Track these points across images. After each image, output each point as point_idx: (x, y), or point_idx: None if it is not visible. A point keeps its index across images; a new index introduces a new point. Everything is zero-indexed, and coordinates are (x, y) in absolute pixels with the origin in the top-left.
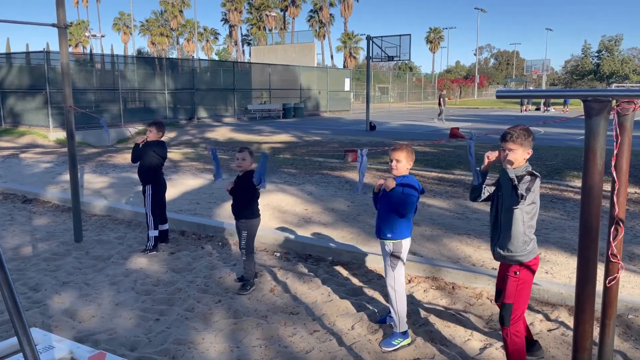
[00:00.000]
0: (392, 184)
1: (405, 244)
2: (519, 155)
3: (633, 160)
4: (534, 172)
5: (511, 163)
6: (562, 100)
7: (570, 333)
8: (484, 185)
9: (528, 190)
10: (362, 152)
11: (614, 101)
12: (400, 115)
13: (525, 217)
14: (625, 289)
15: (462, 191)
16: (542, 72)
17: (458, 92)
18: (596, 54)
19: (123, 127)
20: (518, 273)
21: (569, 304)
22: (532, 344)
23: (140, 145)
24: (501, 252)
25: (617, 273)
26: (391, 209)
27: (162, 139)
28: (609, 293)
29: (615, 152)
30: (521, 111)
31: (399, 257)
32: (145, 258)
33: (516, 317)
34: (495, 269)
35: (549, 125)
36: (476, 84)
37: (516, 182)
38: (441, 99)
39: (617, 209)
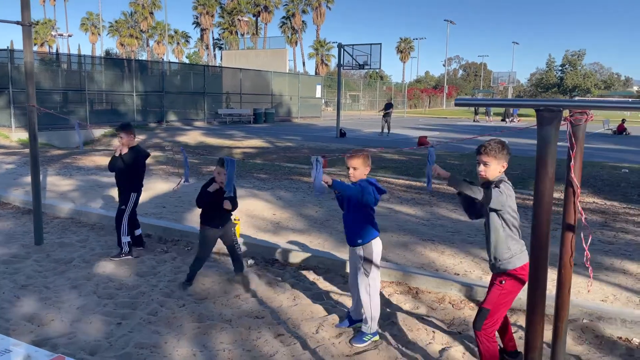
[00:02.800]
0: (328, 178)
1: (376, 245)
2: (493, 168)
3: (592, 171)
4: (506, 181)
5: (484, 176)
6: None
7: None
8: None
9: (496, 187)
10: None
11: (567, 112)
12: (370, 123)
13: (505, 223)
14: (580, 294)
15: (428, 198)
16: (508, 84)
17: (427, 101)
18: (560, 68)
19: (89, 129)
20: (504, 282)
21: (524, 308)
22: (515, 354)
23: (117, 154)
24: (490, 261)
25: (591, 278)
26: (351, 213)
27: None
28: (562, 296)
29: (572, 160)
30: (474, 120)
31: (371, 262)
32: (109, 262)
33: (490, 323)
34: (458, 274)
35: (505, 135)
36: (445, 94)
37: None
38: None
39: (582, 215)
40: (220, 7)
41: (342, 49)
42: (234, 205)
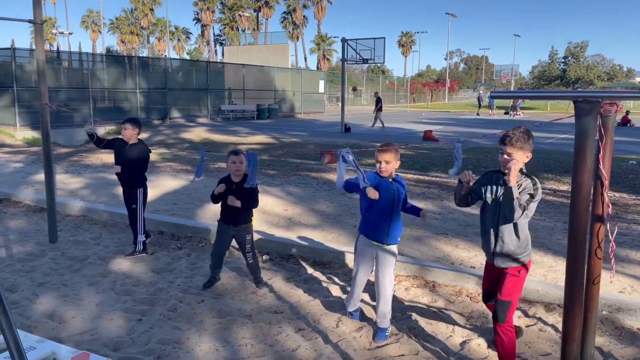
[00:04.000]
0: (375, 195)
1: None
2: (518, 159)
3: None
4: (532, 177)
5: (514, 173)
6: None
7: (548, 328)
8: (469, 192)
9: (532, 197)
10: (341, 152)
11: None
12: (373, 118)
13: (526, 221)
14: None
15: (437, 192)
16: (510, 77)
17: (429, 95)
18: (563, 60)
19: (94, 126)
20: (521, 272)
21: (545, 300)
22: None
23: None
24: (505, 257)
25: (612, 270)
26: (395, 210)
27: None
28: (591, 288)
29: (601, 152)
30: (477, 114)
31: (395, 258)
32: (124, 259)
33: (511, 313)
34: (474, 267)
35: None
36: (447, 88)
37: (518, 196)
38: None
39: (609, 207)
40: (220, 2)
41: (345, 44)
42: (250, 203)
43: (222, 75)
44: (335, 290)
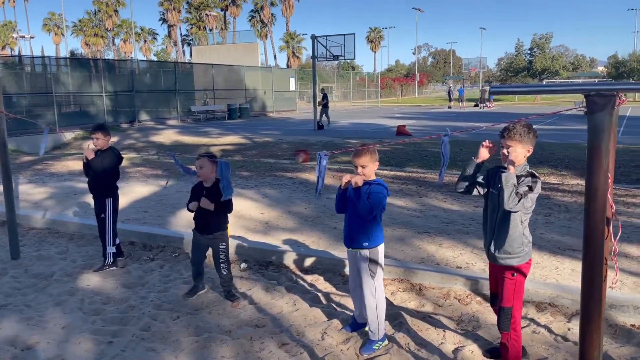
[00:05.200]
0: (360, 180)
1: (381, 249)
2: (519, 154)
3: (573, 152)
4: (534, 172)
5: (512, 163)
6: (503, 97)
7: (541, 330)
8: (476, 180)
9: (530, 190)
10: (320, 155)
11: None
12: (345, 114)
13: (523, 217)
14: None
15: (416, 188)
16: (479, 70)
17: (400, 90)
18: (529, 52)
19: (59, 133)
20: (515, 275)
21: (535, 299)
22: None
23: (88, 159)
24: (497, 254)
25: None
26: (360, 214)
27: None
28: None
29: None
30: (448, 107)
31: (377, 264)
32: (92, 274)
33: (515, 320)
34: (460, 267)
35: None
36: (416, 82)
37: (516, 188)
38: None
39: (613, 208)
40: (187, 2)
41: (315, 41)
42: (222, 209)
43: (191, 75)
44: (319, 299)
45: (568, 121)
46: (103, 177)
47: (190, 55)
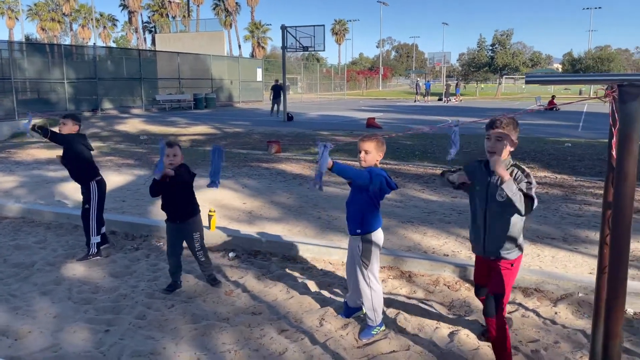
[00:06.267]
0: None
1: (376, 236)
2: (506, 148)
3: (537, 146)
4: (521, 165)
5: (501, 165)
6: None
7: (530, 314)
8: (450, 178)
9: (530, 184)
10: (324, 145)
11: (609, 87)
12: (313, 106)
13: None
14: (567, 268)
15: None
16: (443, 65)
17: (364, 83)
18: (490, 48)
19: (18, 121)
20: (513, 265)
21: (522, 285)
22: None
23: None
24: (500, 248)
25: None
26: (355, 202)
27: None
28: (603, 277)
29: (614, 138)
30: (415, 101)
31: (369, 253)
32: (76, 264)
33: (503, 306)
34: (447, 255)
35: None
36: (380, 75)
37: (520, 187)
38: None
39: None
40: None
41: (285, 31)
42: (184, 177)
43: (154, 64)
44: (312, 286)
45: (528, 116)
46: (82, 160)
47: (153, 43)
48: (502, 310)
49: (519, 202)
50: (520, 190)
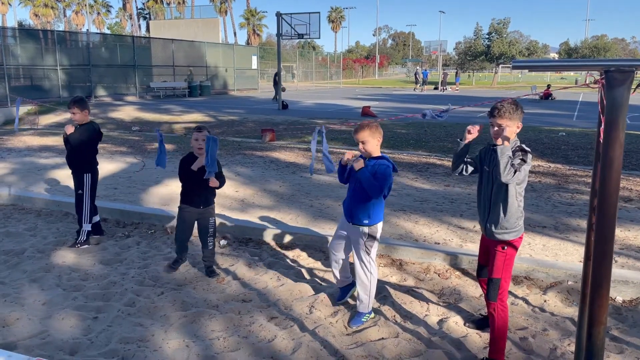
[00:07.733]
0: (360, 164)
1: (380, 226)
2: (510, 130)
3: (532, 135)
4: (524, 147)
5: (507, 139)
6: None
7: (519, 302)
8: (465, 160)
9: (523, 161)
10: (318, 129)
11: (598, 75)
12: (308, 95)
13: (518, 190)
14: (558, 256)
15: None
16: (439, 53)
17: (360, 72)
18: (487, 36)
19: (10, 108)
20: (506, 248)
21: (512, 273)
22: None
23: (68, 135)
24: (494, 229)
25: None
26: (363, 191)
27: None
28: (589, 264)
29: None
30: (414, 90)
31: (374, 240)
32: (66, 251)
33: (503, 291)
34: (438, 243)
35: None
36: (377, 64)
37: (512, 160)
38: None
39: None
40: None
41: (280, 18)
42: (222, 182)
43: (148, 51)
44: (302, 274)
45: (524, 105)
46: (80, 151)
47: (147, 29)
48: (503, 295)
49: (503, 165)
50: (511, 159)
